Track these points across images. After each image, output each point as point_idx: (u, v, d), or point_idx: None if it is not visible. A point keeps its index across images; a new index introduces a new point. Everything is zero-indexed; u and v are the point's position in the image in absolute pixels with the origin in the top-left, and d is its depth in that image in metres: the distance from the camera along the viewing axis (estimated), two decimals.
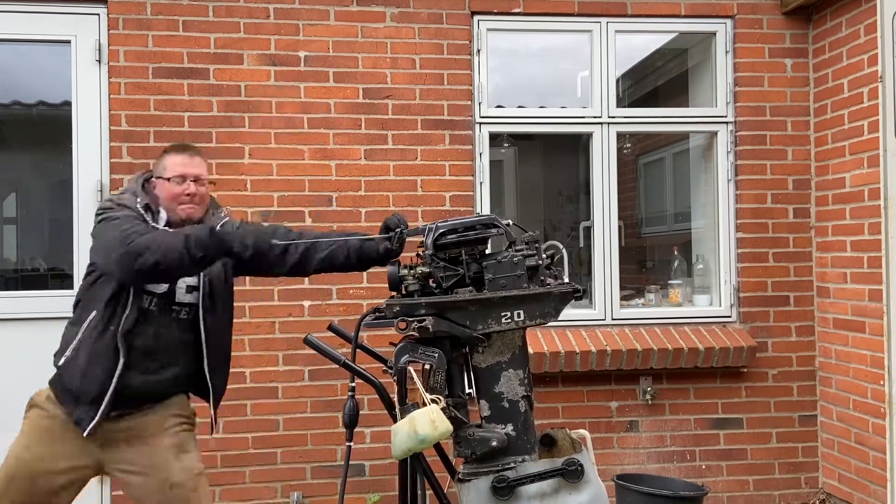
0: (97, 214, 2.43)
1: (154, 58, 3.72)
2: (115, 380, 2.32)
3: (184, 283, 2.42)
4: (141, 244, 2.18)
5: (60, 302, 3.70)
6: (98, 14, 3.74)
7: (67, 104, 3.75)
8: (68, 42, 3.74)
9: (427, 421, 2.01)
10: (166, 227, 2.41)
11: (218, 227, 2.28)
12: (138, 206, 2.40)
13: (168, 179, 2.43)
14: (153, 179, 2.50)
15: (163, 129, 3.70)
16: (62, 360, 2.38)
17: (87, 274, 2.44)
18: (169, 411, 2.47)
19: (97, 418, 2.32)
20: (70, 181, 3.73)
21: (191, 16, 3.75)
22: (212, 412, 2.56)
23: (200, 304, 2.44)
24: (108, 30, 3.72)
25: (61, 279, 3.85)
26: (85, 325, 2.35)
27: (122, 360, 2.32)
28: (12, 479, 2.37)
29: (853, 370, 3.77)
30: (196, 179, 2.46)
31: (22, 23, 3.71)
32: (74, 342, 2.36)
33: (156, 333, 2.39)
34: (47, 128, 4.13)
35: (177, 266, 2.22)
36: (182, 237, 2.21)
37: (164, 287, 2.38)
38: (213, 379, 2.50)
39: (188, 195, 2.44)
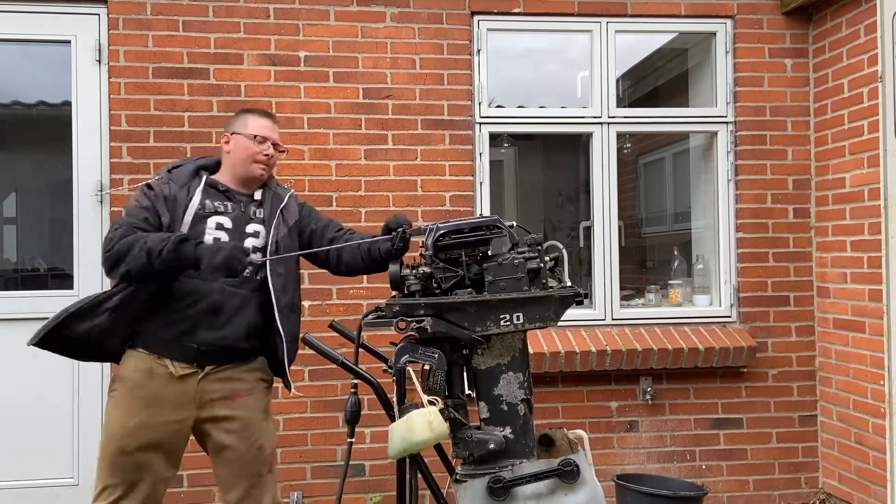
0: None
1: (154, 58, 3.72)
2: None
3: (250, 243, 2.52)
4: (118, 252, 2.34)
5: (60, 302, 3.67)
6: (98, 14, 3.74)
7: (67, 104, 3.75)
8: (68, 42, 3.74)
9: (424, 423, 2.02)
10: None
11: (181, 244, 2.32)
12: (162, 179, 2.50)
13: (253, 137, 2.58)
14: (228, 135, 2.62)
15: (163, 129, 3.71)
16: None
17: None
18: (256, 374, 2.56)
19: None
20: (70, 181, 3.73)
21: (191, 16, 3.75)
22: (285, 362, 2.56)
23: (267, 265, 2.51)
24: (108, 30, 3.72)
25: (61, 279, 3.84)
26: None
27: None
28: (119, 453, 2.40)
29: (853, 370, 3.77)
30: (275, 144, 2.64)
31: (22, 23, 3.72)
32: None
33: (221, 292, 2.44)
34: (47, 128, 4.12)
35: (144, 276, 2.35)
36: (146, 251, 2.30)
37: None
38: (284, 326, 2.51)
39: (266, 155, 2.60)
